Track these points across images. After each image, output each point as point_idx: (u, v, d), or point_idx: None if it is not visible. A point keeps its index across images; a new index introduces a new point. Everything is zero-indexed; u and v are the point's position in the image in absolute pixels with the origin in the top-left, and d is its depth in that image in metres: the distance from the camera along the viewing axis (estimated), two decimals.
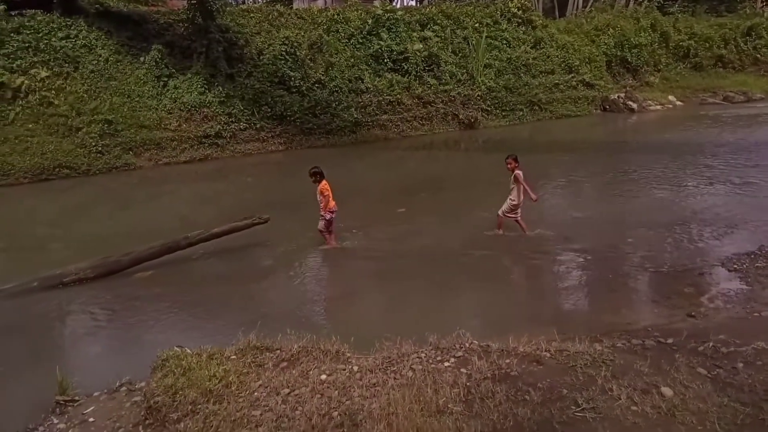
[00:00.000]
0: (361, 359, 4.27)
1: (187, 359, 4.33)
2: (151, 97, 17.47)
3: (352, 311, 6.46)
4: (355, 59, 21.24)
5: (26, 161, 14.67)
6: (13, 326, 6.56)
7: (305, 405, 3.64)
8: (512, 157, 8.37)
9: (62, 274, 7.36)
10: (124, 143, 16.16)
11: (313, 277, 7.81)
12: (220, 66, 18.48)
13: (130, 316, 6.66)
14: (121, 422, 4.03)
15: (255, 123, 18.44)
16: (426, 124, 21.60)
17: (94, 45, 17.62)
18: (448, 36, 23.75)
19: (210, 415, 3.65)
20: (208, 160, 17.13)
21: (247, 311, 6.57)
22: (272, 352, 4.57)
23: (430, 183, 13.46)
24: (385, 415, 3.34)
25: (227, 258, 8.34)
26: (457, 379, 3.70)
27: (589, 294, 6.74)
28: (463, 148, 19.89)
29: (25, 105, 15.82)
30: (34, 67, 16.48)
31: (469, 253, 8.01)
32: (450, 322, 5.38)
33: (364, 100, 20.48)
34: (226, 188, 14.41)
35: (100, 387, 4.65)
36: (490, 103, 22.96)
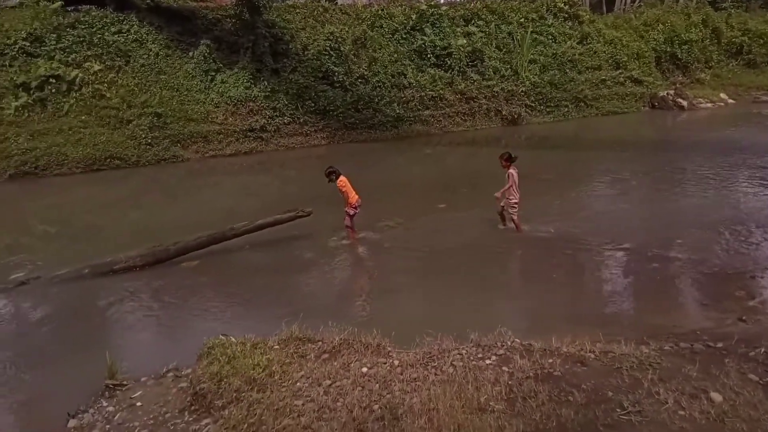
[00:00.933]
0: (402, 354, 4.28)
1: (231, 348, 4.42)
2: (198, 91, 17.89)
3: (392, 306, 6.47)
4: (398, 54, 21.21)
5: (79, 152, 15.26)
6: (66, 311, 6.86)
7: (346, 397, 3.67)
8: (504, 157, 8.39)
9: (112, 261, 7.64)
10: (173, 136, 16.61)
11: (354, 270, 7.88)
12: (266, 61, 18.76)
13: (176, 304, 6.86)
14: (167, 407, 4.15)
15: (299, 117, 18.66)
16: (468, 119, 21.41)
17: (145, 40, 18.15)
18: (492, 31, 23.43)
19: (254, 403, 3.72)
20: (253, 153, 17.43)
21: (289, 303, 6.67)
22: (314, 343, 4.63)
23: (471, 179, 13.34)
24: (426, 411, 3.34)
25: (271, 250, 8.48)
26: (498, 377, 3.67)
27: (634, 295, 6.57)
28: (505, 144, 19.61)
29: (79, 97, 16.44)
30: (87, 60, 17.10)
31: (511, 251, 7.93)
32: (490, 320, 5.34)
33: (406, 95, 20.44)
34: (270, 181, 14.65)
35: (148, 372, 4.80)
36: (534, 99, 22.56)
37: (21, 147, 14.83)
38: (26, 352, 5.90)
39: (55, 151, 15.05)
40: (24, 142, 14.96)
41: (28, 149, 14.86)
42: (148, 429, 3.87)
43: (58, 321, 6.67)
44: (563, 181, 12.60)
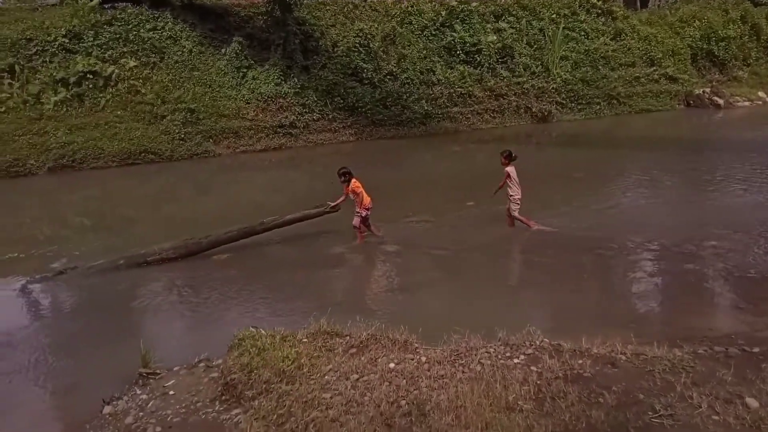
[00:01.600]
0: (429, 350, 4.29)
1: (261, 340, 4.49)
2: (230, 87, 18.15)
3: (419, 302, 6.48)
4: (427, 51, 21.15)
5: (115, 146, 15.64)
6: (101, 301, 7.06)
7: (374, 391, 3.70)
8: (504, 155, 8.41)
9: (146, 253, 7.83)
10: (205, 131, 16.91)
11: (381, 266, 7.90)
12: (296, 58, 18.93)
13: (207, 296, 6.99)
14: (199, 396, 4.25)
15: (327, 114, 18.78)
16: (497, 116, 21.24)
17: (179, 37, 18.48)
18: (523, 27, 23.16)
19: (283, 395, 3.78)
20: (282, 149, 17.61)
21: (316, 297, 6.75)
22: (342, 337, 4.67)
23: (500, 177, 13.22)
24: (453, 408, 3.35)
25: (299, 244, 8.57)
26: (527, 377, 3.65)
27: (667, 296, 6.46)
28: (535, 142, 19.42)
29: (115, 93, 16.84)
30: (123, 57, 17.49)
31: (540, 249, 7.85)
32: (518, 318, 5.32)
33: (435, 92, 20.38)
34: (299, 177, 14.80)
35: (180, 362, 4.90)
36: (566, 96, 22.26)
37: (59, 141, 15.28)
38: (63, 340, 6.09)
39: (92, 145, 15.47)
40: (62, 135, 15.41)
41: (66, 143, 15.30)
42: (180, 417, 3.97)
43: (93, 310, 6.87)
44: (594, 179, 12.42)
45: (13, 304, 7.17)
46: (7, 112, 15.71)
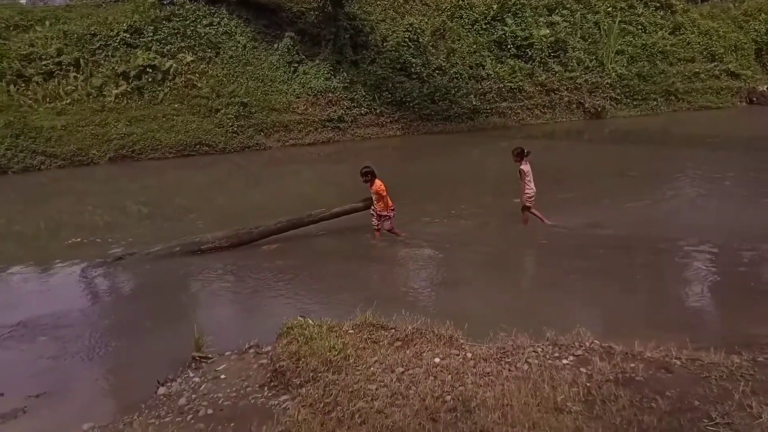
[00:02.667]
0: (475, 347, 4.27)
1: (309, 329, 4.57)
2: (282, 81, 18.49)
3: (464, 298, 6.45)
4: (477, 45, 20.92)
5: (171, 138, 16.23)
6: (157, 286, 7.33)
7: (419, 385, 3.72)
8: (515, 152, 8.29)
9: (200, 241, 8.09)
10: (257, 125, 17.32)
11: (427, 261, 7.88)
12: (346, 53, 19.08)
13: (256, 284, 7.17)
14: (249, 381, 4.36)
15: (375, 108, 18.87)
16: (548, 112, 20.84)
17: (234, 32, 18.95)
18: (577, 21, 22.58)
19: (329, 384, 3.85)
20: (330, 142, 17.81)
21: (362, 289, 6.81)
22: (387, 330, 4.70)
23: (549, 174, 12.92)
24: (500, 406, 3.33)
25: (345, 237, 8.65)
26: (576, 378, 3.59)
27: (725, 301, 6.19)
28: (587, 138, 18.94)
29: (172, 86, 17.45)
30: (181, 51, 18.09)
31: (591, 248, 7.66)
32: (567, 318, 5.22)
33: (484, 86, 20.16)
34: (346, 170, 14.90)
35: (230, 347, 5.04)
36: (620, 91, 21.61)
37: (120, 132, 15.96)
38: (121, 322, 6.36)
39: (150, 137, 16.10)
40: (123, 127, 16.09)
41: (126, 134, 15.97)
42: (230, 401, 4.09)
43: (149, 294, 7.15)
44: (650, 178, 12.02)
45: (75, 287, 7.55)
46: (72, 104, 16.52)
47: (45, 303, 6.90)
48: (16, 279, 7.91)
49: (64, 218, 11.29)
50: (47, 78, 17.06)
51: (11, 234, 10.62)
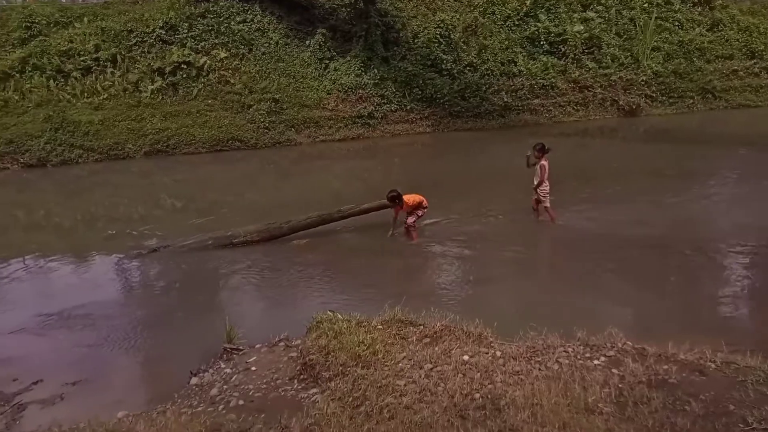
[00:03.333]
0: (504, 346, 4.25)
1: (338, 324, 4.62)
2: (313, 78, 18.59)
3: (494, 296, 6.42)
4: (509, 42, 20.67)
5: (205, 133, 16.50)
6: (190, 278, 7.49)
7: (447, 382, 3.72)
8: (537, 148, 8.29)
9: (232, 235, 8.23)
10: (288, 120, 17.46)
11: (456, 258, 7.85)
12: (377, 49, 19.07)
13: (286, 278, 7.26)
14: (279, 374, 4.43)
15: (405, 105, 18.83)
16: (581, 109, 20.45)
17: (267, 29, 19.13)
18: (612, 17, 22.10)
19: (358, 378, 3.88)
20: (360, 139, 17.85)
21: (391, 285, 6.83)
22: (415, 326, 4.72)
23: (581, 172, 12.78)
24: (529, 405, 3.31)
25: (375, 233, 8.67)
26: (608, 379, 3.54)
27: (763, 304, 6.02)
28: (621, 136, 18.56)
29: (206, 82, 17.72)
30: (215, 48, 18.34)
31: (624, 248, 7.52)
32: (599, 318, 5.15)
33: (515, 83, 19.91)
34: (375, 166, 14.96)
35: (260, 340, 5.13)
36: (656, 89, 21.06)
37: (155, 127, 16.31)
38: (155, 313, 6.53)
39: (184, 132, 16.40)
40: (158, 122, 16.43)
41: (161, 129, 16.30)
42: (261, 392, 4.16)
43: (182, 286, 7.31)
44: (686, 177, 11.71)
45: (111, 277, 7.77)
46: (109, 99, 16.93)
47: (82, 293, 7.12)
48: (55, 269, 8.16)
49: (101, 210, 11.60)
50: (85, 73, 17.51)
51: (50, 225, 10.97)
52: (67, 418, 4.12)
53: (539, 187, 8.42)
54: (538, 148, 8.37)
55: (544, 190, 8.41)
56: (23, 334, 5.96)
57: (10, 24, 18.30)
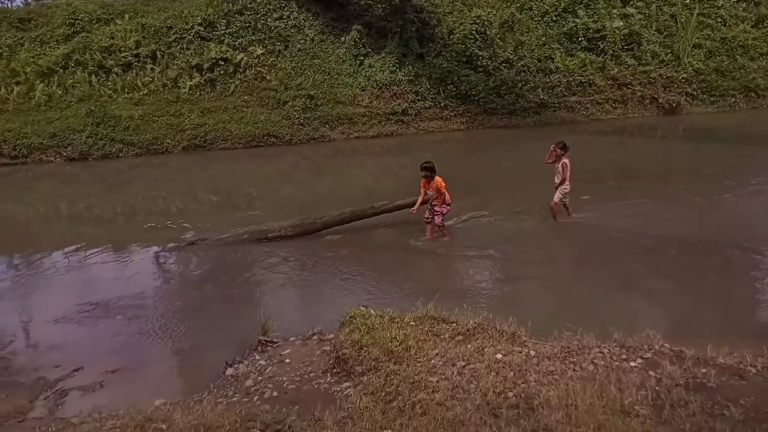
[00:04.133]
0: (538, 345, 4.20)
1: (371, 319, 4.63)
2: (348, 75, 18.71)
3: (527, 295, 6.36)
4: (546, 38, 20.40)
5: (241, 129, 16.81)
6: (226, 270, 7.62)
7: (480, 380, 3.70)
8: (559, 146, 8.12)
9: (267, 230, 8.35)
10: (322, 117, 17.63)
11: (489, 256, 7.78)
12: (412, 46, 19.05)
13: (320, 273, 7.32)
14: (312, 367, 4.47)
15: (439, 101, 18.78)
16: (619, 107, 20.09)
17: (303, 25, 19.33)
18: (653, 13, 21.59)
19: (391, 373, 3.89)
20: (393, 135, 17.89)
21: (424, 282, 6.83)
22: (448, 324, 4.70)
23: (619, 171, 12.54)
24: (564, 405, 3.27)
25: (407, 229, 8.67)
26: (644, 381, 3.47)
27: None
28: (660, 135, 18.12)
29: (243, 79, 18.03)
30: (251, 44, 18.66)
31: (662, 248, 7.35)
32: (635, 320, 5.06)
33: (552, 80, 19.65)
34: (407, 163, 14.91)
35: (294, 333, 5.20)
36: (697, 86, 20.52)
37: (193, 122, 16.68)
38: (191, 304, 6.66)
39: (221, 128, 16.74)
40: (195, 118, 16.81)
41: (199, 124, 16.67)
42: (294, 385, 4.21)
43: (218, 278, 7.44)
44: (727, 177, 11.34)
45: (150, 269, 7.97)
46: (148, 95, 17.38)
47: (122, 284, 7.32)
48: (96, 260, 8.41)
49: (140, 203, 11.92)
50: (126, 69, 18.02)
51: (91, 217, 11.32)
52: (107, 404, 4.25)
53: (562, 185, 8.27)
54: (560, 146, 8.21)
55: (565, 189, 8.28)
56: (65, 323, 6.15)
57: (54, 21, 18.95)
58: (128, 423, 3.35)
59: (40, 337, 5.95)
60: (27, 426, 4.10)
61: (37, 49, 18.49)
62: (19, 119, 16.41)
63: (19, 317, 6.60)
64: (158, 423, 3.34)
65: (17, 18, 19.55)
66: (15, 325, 6.30)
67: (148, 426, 3.30)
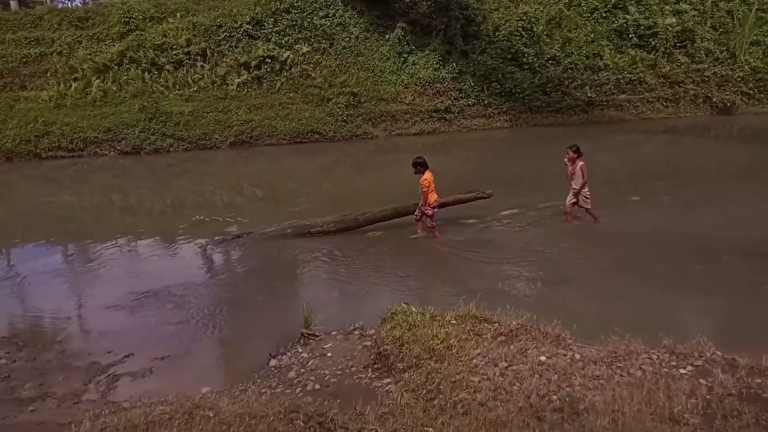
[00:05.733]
0: (584, 348, 4.13)
1: (412, 316, 4.64)
2: (391, 72, 18.74)
3: (573, 297, 6.24)
4: (595, 34, 19.91)
5: (286, 125, 17.06)
6: (271, 263, 7.77)
7: (523, 382, 3.66)
8: (573, 149, 7.92)
9: (310, 225, 8.47)
10: (365, 114, 17.72)
11: (533, 256, 7.67)
12: (456, 43, 18.92)
13: (362, 268, 7.39)
14: (353, 362, 4.52)
15: (483, 99, 18.59)
16: (670, 106, 19.44)
17: (348, 23, 19.44)
18: (707, 9, 20.77)
19: (432, 371, 3.88)
20: (435, 133, 17.81)
21: (465, 280, 6.78)
22: (490, 324, 4.65)
23: (670, 171, 12.14)
24: (610, 411, 3.20)
25: (449, 227, 8.63)
26: (695, 390, 3.37)
27: None
28: (713, 135, 17.45)
29: (289, 76, 18.30)
30: (298, 42, 18.90)
31: (712, 252, 7.09)
32: (685, 325, 4.92)
33: (600, 78, 19.17)
34: (449, 161, 14.83)
35: (336, 327, 5.26)
36: (753, 85, 19.66)
37: (240, 119, 17.03)
38: (237, 296, 6.83)
39: (267, 124, 17.04)
40: (243, 114, 17.15)
41: (246, 121, 17.01)
42: (336, 378, 4.27)
43: (263, 271, 7.61)
44: None
45: (198, 260, 8.20)
46: (198, 92, 17.84)
47: (171, 274, 7.54)
48: (146, 251, 8.70)
49: (188, 197, 12.26)
50: (177, 66, 18.53)
51: (142, 209, 11.71)
52: (156, 390, 4.41)
53: (583, 189, 8.05)
54: (574, 149, 7.99)
55: (587, 194, 8.12)
56: (117, 310, 6.40)
57: (110, 19, 19.67)
58: (177, 409, 3.46)
59: (94, 324, 6.21)
60: (81, 408, 4.29)
61: (94, 47, 19.23)
62: (76, 114, 17.10)
63: (75, 304, 6.91)
64: (205, 410, 3.43)
65: (76, 17, 20.39)
66: (71, 312, 6.61)
67: (195, 413, 3.40)
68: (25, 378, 4.88)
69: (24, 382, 4.80)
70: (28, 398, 4.54)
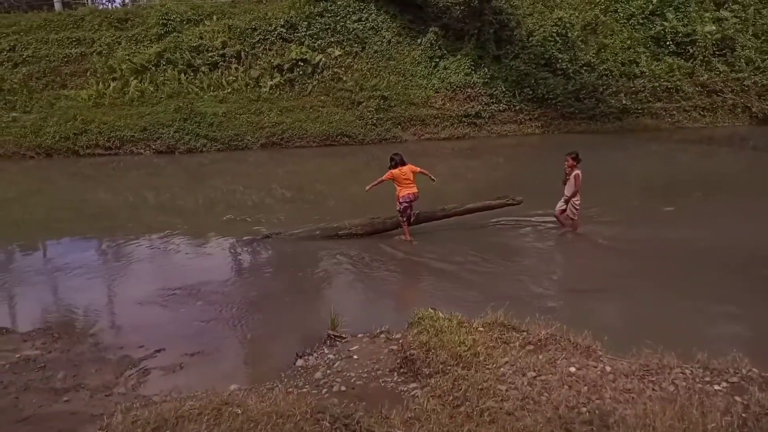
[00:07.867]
0: (615, 361, 4.04)
1: (439, 322, 4.62)
2: (422, 76, 18.75)
3: (604, 308, 6.13)
4: (632, 41, 19.58)
5: (316, 128, 17.22)
6: (299, 264, 7.82)
7: (552, 392, 3.60)
8: (572, 156, 7.79)
9: (338, 227, 8.52)
10: (395, 118, 17.76)
11: (563, 265, 7.60)
12: (489, 48, 18.82)
13: (387, 272, 7.40)
14: (379, 365, 4.51)
15: (515, 105, 18.45)
16: (708, 115, 18.98)
17: (380, 27, 19.54)
18: (750, 16, 20.23)
19: (458, 378, 3.85)
20: (465, 138, 17.74)
21: (493, 287, 6.71)
22: (519, 332, 4.60)
23: (706, 182, 11.85)
24: (641, 426, 3.13)
25: (476, 233, 8.59)
26: (730, 407, 3.27)
27: None
28: (752, 145, 16.95)
29: (320, 79, 18.47)
30: (330, 46, 19.07)
31: (749, 265, 6.87)
32: (720, 341, 4.77)
33: (636, 85, 18.84)
34: (478, 166, 14.78)
35: (362, 330, 5.26)
36: None
37: (272, 120, 17.27)
38: (265, 295, 6.90)
39: (298, 126, 17.23)
40: (274, 116, 17.39)
41: (277, 123, 17.24)
42: (362, 381, 4.27)
43: (291, 272, 7.65)
44: None
45: (228, 259, 8.32)
46: (232, 93, 18.14)
47: (201, 271, 7.67)
48: (178, 248, 8.85)
49: (220, 196, 12.45)
50: (212, 68, 18.89)
51: (175, 207, 11.94)
52: (185, 385, 4.48)
53: (573, 198, 7.90)
54: (573, 156, 7.84)
55: (576, 203, 7.97)
56: (149, 306, 6.53)
57: (149, 21, 20.15)
58: (206, 405, 3.50)
59: (126, 318, 6.34)
60: (113, 400, 4.38)
61: (132, 48, 19.73)
62: (114, 113, 17.56)
63: (108, 298, 7.08)
64: (234, 407, 3.46)
65: (116, 18, 20.96)
66: (105, 305, 6.78)
67: (224, 409, 3.44)
68: (60, 369, 5.00)
69: (58, 373, 4.92)
70: (62, 388, 4.65)
